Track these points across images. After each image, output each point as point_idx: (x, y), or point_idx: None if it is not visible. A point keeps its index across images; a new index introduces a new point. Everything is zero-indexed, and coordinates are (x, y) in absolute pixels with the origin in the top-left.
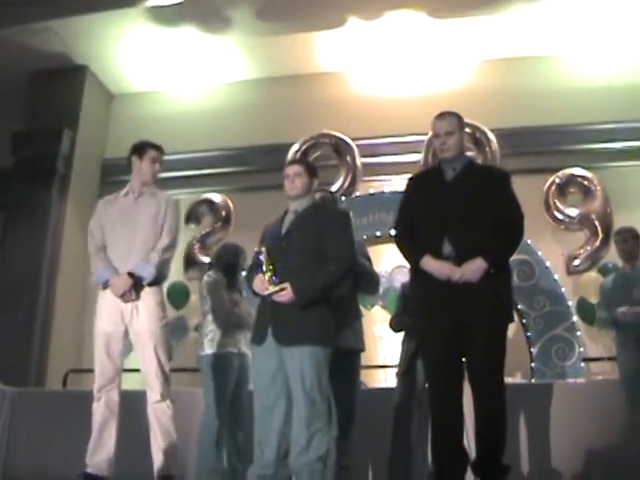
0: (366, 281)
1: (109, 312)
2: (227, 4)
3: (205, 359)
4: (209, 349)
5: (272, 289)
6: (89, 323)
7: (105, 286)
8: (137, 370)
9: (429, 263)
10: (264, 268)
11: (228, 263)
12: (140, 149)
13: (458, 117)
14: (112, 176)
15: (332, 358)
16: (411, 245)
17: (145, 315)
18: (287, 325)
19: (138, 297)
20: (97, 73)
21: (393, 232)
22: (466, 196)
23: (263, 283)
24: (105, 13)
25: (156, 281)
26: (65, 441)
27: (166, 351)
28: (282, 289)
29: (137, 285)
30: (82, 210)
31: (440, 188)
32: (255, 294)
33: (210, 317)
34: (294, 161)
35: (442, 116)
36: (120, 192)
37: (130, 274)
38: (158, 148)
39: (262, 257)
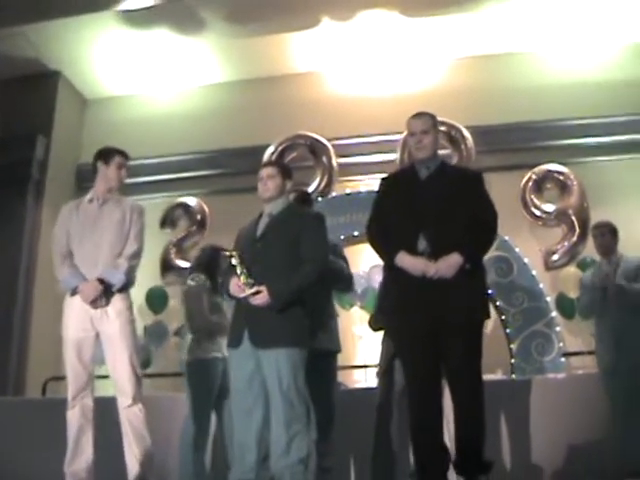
0: (340, 279)
1: (78, 318)
2: (199, 6)
3: (188, 364)
4: (192, 354)
5: (248, 292)
6: None
7: (73, 293)
8: (107, 377)
9: (404, 259)
10: (238, 271)
11: (209, 265)
12: (106, 155)
13: (433, 117)
14: (87, 181)
15: (308, 360)
16: (385, 242)
17: (116, 319)
18: (263, 327)
19: (108, 303)
20: (70, 78)
21: (366, 230)
22: (440, 195)
23: (239, 286)
24: (77, 17)
25: (124, 287)
26: (45, 450)
27: (138, 354)
28: (258, 292)
29: (107, 291)
30: (58, 215)
31: (414, 187)
32: (231, 297)
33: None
34: (267, 163)
35: (418, 115)
36: (84, 198)
37: (100, 280)
38: (123, 154)
39: (234, 261)
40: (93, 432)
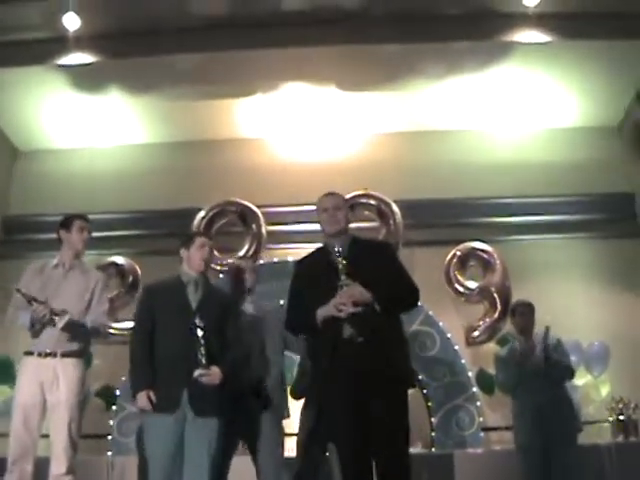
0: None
1: (28, 382)
2: (137, 67)
3: None
4: None
5: (202, 371)
6: None
7: (34, 333)
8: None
9: (319, 312)
10: (202, 342)
11: None
12: (66, 222)
13: (344, 198)
14: (13, 234)
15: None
16: (304, 318)
17: (64, 388)
18: (206, 395)
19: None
20: (3, 127)
21: (286, 322)
22: (355, 277)
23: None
24: (15, 69)
25: (80, 353)
26: None
27: (79, 425)
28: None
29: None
30: None
31: (328, 273)
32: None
33: None
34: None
35: (330, 194)
36: (49, 262)
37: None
38: (83, 217)
39: (200, 333)
40: None
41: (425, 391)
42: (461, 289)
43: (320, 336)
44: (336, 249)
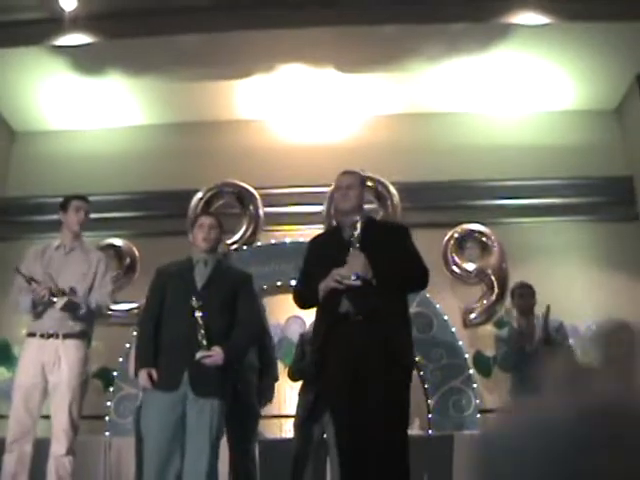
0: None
1: (30, 364)
2: (135, 48)
3: None
4: None
5: (206, 352)
6: None
7: (35, 314)
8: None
9: (320, 286)
10: (201, 323)
11: None
12: (63, 203)
13: (360, 176)
14: (11, 216)
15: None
16: (308, 291)
17: (66, 368)
18: (207, 376)
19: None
20: (0, 109)
21: (293, 295)
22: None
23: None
24: (11, 50)
25: (82, 335)
26: None
27: (79, 406)
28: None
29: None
30: None
31: (339, 250)
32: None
33: None
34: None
35: (346, 172)
36: (50, 244)
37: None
38: (80, 197)
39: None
40: (29, 476)
41: (422, 373)
42: (458, 271)
43: (321, 312)
44: (353, 222)
